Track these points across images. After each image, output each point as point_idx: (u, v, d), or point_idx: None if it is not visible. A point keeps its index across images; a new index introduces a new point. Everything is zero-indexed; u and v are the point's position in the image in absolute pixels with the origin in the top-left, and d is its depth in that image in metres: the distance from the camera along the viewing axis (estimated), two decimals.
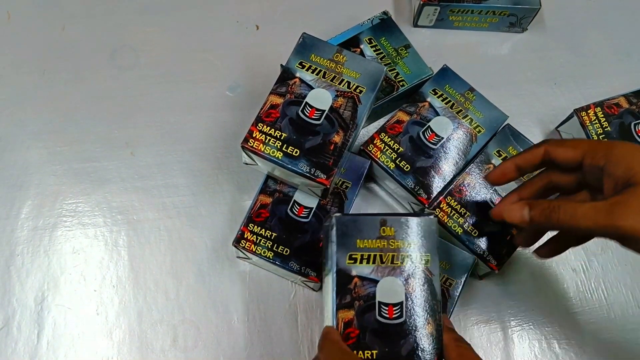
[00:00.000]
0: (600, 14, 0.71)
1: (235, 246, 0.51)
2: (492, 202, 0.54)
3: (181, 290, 0.55)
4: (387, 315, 0.43)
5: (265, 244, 0.51)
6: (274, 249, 0.51)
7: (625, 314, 0.57)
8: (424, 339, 0.43)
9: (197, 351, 0.53)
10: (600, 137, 0.57)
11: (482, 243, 0.52)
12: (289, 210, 0.53)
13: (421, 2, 0.63)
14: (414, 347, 0.42)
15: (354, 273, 0.44)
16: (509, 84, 0.65)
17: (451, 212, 0.53)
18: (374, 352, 0.42)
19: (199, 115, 0.62)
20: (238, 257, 0.55)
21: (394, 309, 0.43)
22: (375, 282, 0.44)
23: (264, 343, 0.54)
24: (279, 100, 0.50)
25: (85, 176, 0.59)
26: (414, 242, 0.45)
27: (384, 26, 0.61)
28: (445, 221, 0.53)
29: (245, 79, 0.64)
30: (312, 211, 0.53)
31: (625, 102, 0.58)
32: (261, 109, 0.50)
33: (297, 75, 0.51)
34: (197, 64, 0.64)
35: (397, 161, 0.55)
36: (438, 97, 0.58)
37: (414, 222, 0.45)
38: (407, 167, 0.55)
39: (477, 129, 0.57)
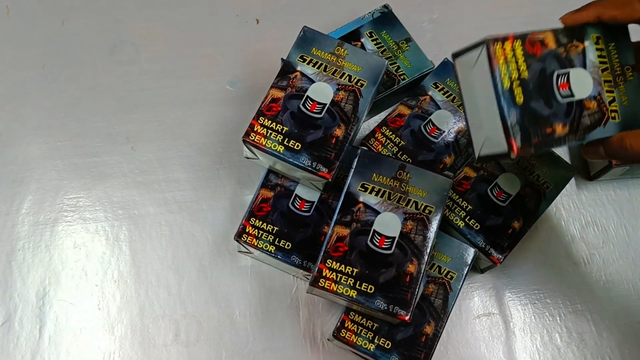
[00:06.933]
0: None
1: (237, 240, 0.51)
2: (493, 195, 0.54)
3: (183, 285, 0.55)
4: (377, 244, 0.47)
5: (267, 238, 0.51)
6: (276, 243, 0.51)
7: (627, 307, 0.57)
8: (403, 275, 0.46)
9: (199, 346, 0.53)
10: (515, 84, 0.39)
11: (484, 236, 0.52)
12: (290, 204, 0.53)
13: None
14: (391, 279, 0.46)
15: (360, 199, 0.48)
16: None
17: (453, 205, 0.53)
18: (355, 270, 0.46)
19: (199, 109, 0.62)
20: (240, 251, 0.55)
21: (386, 240, 0.47)
22: (377, 213, 0.47)
23: (266, 337, 0.54)
24: (280, 94, 0.50)
25: (86, 171, 0.59)
26: (424, 192, 0.48)
27: (385, 19, 0.61)
28: (447, 214, 0.53)
29: (245, 74, 0.64)
30: (314, 205, 0.53)
31: (553, 41, 0.41)
32: (262, 102, 0.50)
33: (298, 68, 0.51)
34: (197, 58, 0.64)
35: (398, 155, 0.55)
36: (439, 91, 0.58)
37: (430, 176, 0.48)
38: (408, 161, 0.55)
39: None
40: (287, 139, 0.48)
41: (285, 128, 0.49)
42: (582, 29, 0.42)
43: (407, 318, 0.45)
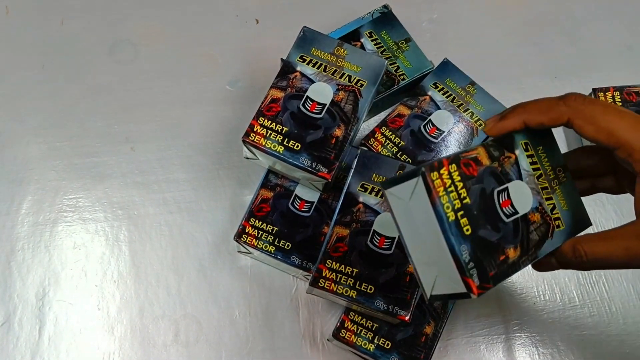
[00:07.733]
0: (601, 6, 0.70)
1: (236, 241, 0.51)
2: None
3: (182, 285, 0.55)
4: (377, 244, 0.47)
5: (266, 238, 0.51)
6: (276, 243, 0.51)
7: (626, 307, 0.57)
8: (403, 275, 0.46)
9: (198, 346, 0.53)
10: (459, 214, 0.37)
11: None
12: (290, 205, 0.53)
13: None
14: (391, 279, 0.46)
15: (360, 199, 0.48)
16: (509, 78, 0.65)
17: None
18: (355, 270, 0.46)
19: (199, 109, 0.62)
20: (239, 251, 0.55)
21: (386, 240, 0.47)
22: (377, 213, 0.48)
23: (266, 337, 0.54)
24: (279, 94, 0.50)
25: (86, 171, 0.59)
26: None
27: (385, 20, 0.61)
28: None
29: (245, 73, 0.63)
30: (314, 205, 0.53)
31: (486, 157, 0.40)
32: (262, 103, 0.50)
33: (298, 69, 0.51)
34: (197, 58, 0.64)
35: (398, 155, 0.55)
36: (439, 91, 0.58)
37: None
38: (408, 161, 0.55)
39: (478, 123, 0.57)
40: (286, 139, 0.48)
41: (285, 128, 0.49)
42: (510, 137, 0.39)
43: (407, 318, 0.45)
